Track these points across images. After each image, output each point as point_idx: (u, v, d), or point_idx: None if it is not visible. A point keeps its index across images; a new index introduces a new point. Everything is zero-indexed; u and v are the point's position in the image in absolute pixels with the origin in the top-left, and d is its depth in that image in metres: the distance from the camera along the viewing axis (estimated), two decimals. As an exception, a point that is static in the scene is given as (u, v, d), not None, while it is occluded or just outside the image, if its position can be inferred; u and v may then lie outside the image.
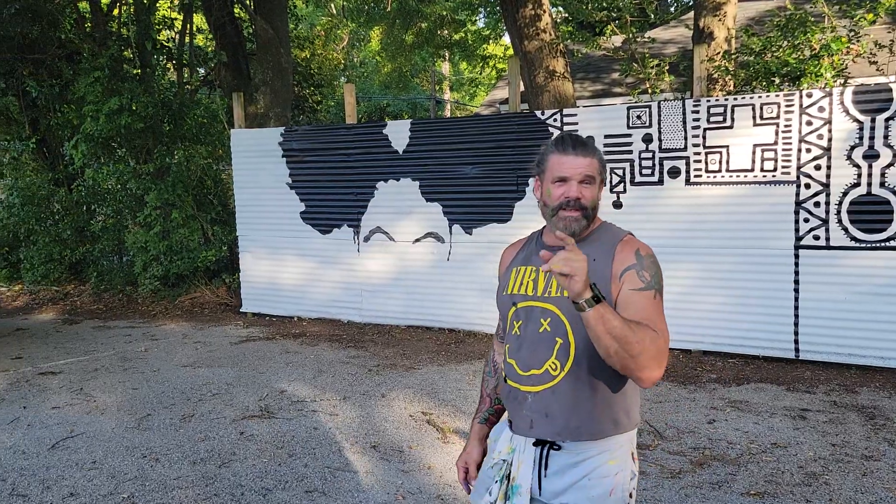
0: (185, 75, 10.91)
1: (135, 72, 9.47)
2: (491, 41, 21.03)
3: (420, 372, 5.63)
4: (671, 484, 3.55)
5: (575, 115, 6.12)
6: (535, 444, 1.75)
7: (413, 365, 5.84)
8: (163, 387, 5.41)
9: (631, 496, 1.76)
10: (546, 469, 1.74)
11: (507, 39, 22.66)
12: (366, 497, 3.51)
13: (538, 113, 6.29)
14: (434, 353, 6.22)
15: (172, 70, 10.75)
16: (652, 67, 6.86)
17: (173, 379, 5.61)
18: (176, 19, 12.25)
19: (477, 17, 20.44)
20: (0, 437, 4.43)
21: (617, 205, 5.97)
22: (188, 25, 10.70)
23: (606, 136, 5.95)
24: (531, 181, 1.97)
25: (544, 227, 1.90)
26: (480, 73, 28.15)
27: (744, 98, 5.49)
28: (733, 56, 6.73)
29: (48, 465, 3.97)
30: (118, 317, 8.33)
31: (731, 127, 5.52)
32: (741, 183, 5.53)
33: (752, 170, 5.48)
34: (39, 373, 5.90)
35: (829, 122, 5.22)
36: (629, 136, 5.87)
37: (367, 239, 7.22)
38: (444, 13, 17.45)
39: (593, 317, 1.49)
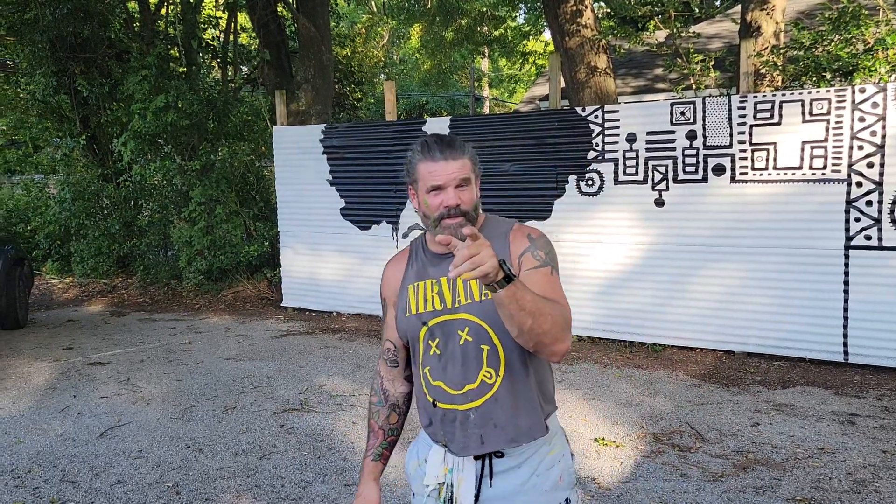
0: (229, 73, 11.11)
1: (181, 70, 9.69)
2: (531, 37, 20.90)
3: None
4: (713, 487, 3.48)
5: (616, 111, 6.04)
6: (475, 458, 1.69)
7: (451, 362, 5.84)
8: (206, 378, 5.52)
9: (574, 476, 1.77)
10: (491, 478, 1.68)
11: (547, 35, 22.50)
12: (404, 492, 3.52)
13: (579, 109, 6.23)
14: (472, 350, 6.21)
15: (217, 68, 10.95)
16: (697, 63, 6.73)
17: (216, 371, 5.73)
18: (221, 18, 12.48)
19: (517, 14, 20.32)
20: (52, 424, 4.58)
21: (659, 203, 5.88)
22: (232, 24, 10.90)
23: (649, 133, 5.86)
24: (408, 188, 1.78)
25: (425, 234, 1.81)
26: (520, 70, 28.00)
27: (792, 94, 5.34)
28: (782, 51, 6.55)
29: (97, 452, 4.09)
30: (163, 309, 8.53)
31: (778, 123, 5.37)
32: (789, 181, 5.39)
33: (801, 167, 5.33)
34: (89, 363, 6.08)
35: (882, 118, 5.04)
36: (672, 132, 5.77)
37: (405, 235, 7.25)
38: (484, 9, 17.40)
39: (506, 295, 1.40)
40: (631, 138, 5.93)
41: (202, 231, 8.81)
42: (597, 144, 6.09)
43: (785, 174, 5.39)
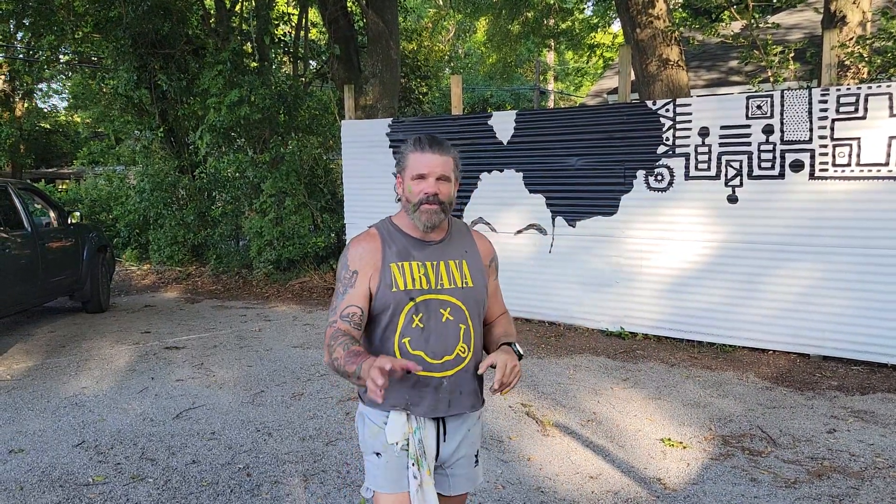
0: (300, 68, 11.36)
1: (252, 65, 9.97)
2: (599, 29, 20.52)
3: (520, 363, 5.61)
4: (785, 493, 3.36)
5: (689, 104, 5.88)
6: (433, 419, 1.95)
7: (513, 356, 5.83)
8: (275, 365, 5.69)
9: None
10: (445, 436, 1.98)
11: (615, 27, 22.04)
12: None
13: (649, 103, 6.09)
14: (534, 345, 6.19)
15: (288, 63, 11.21)
16: (775, 54, 6.47)
17: (284, 358, 5.89)
18: (292, 14, 12.77)
19: (585, 6, 19.99)
20: (131, 404, 4.82)
21: (732, 199, 5.70)
22: (303, 20, 11.13)
23: (722, 128, 5.68)
24: (396, 178, 2.02)
25: (388, 220, 2.05)
26: (587, 63, 27.55)
27: (879, 87, 5.08)
28: (868, 41, 6.23)
29: (173, 433, 4.28)
30: (234, 297, 8.83)
31: (863, 118, 5.12)
32: (873, 178, 5.13)
33: (887, 164, 5.07)
34: (165, 347, 6.36)
35: (979, 111, 4.74)
36: (748, 126, 5.58)
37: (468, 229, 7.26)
38: (552, 2, 17.20)
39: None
40: (703, 132, 5.77)
41: (272, 222, 9.06)
42: (667, 139, 5.95)
43: (869, 171, 5.14)
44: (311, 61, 12.48)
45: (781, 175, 5.48)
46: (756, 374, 5.24)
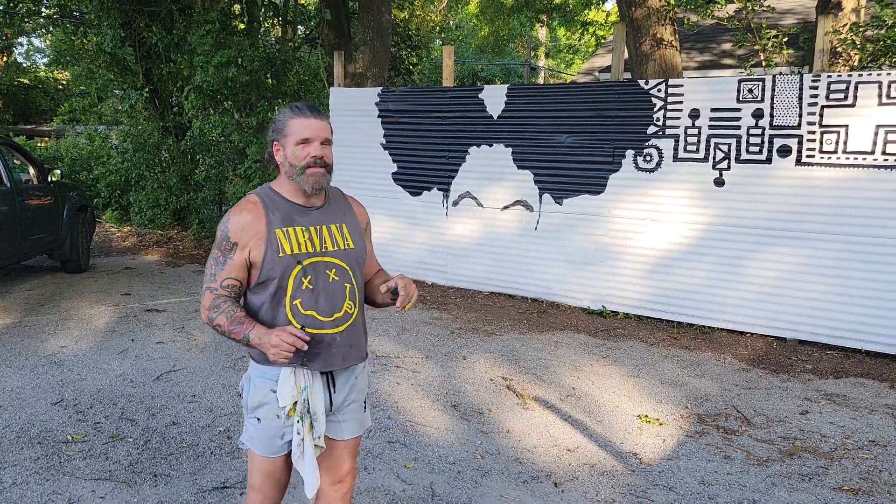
0: (289, 32, 11.16)
1: (241, 27, 9.77)
2: (593, 6, 20.35)
3: (501, 338, 5.66)
4: (757, 471, 3.44)
5: (681, 85, 5.87)
6: (322, 374, 2.05)
7: (494, 331, 5.87)
8: (256, 331, 5.66)
9: None
10: (334, 388, 2.09)
11: (609, 5, 21.87)
12: (445, 453, 3.59)
13: (641, 82, 6.07)
14: (516, 321, 6.23)
15: (277, 27, 11.01)
16: (768, 38, 6.47)
17: (266, 325, 5.87)
18: (282, -24, 12.50)
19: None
20: (111, 364, 4.79)
21: (719, 182, 5.73)
22: (294, -17, 10.90)
23: (713, 110, 5.69)
24: (273, 145, 2.07)
25: (268, 187, 2.08)
26: (579, 41, 27.37)
27: (870, 74, 5.10)
28: (862, 28, 6.25)
29: (153, 394, 4.27)
30: (216, 263, 8.75)
31: (852, 105, 5.15)
32: (859, 166, 5.18)
33: (873, 152, 5.12)
34: (146, 309, 6.31)
35: (966, 104, 4.78)
36: (738, 110, 5.59)
37: (455, 203, 7.25)
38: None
39: None
40: (694, 114, 5.78)
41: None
42: (658, 119, 5.95)
43: (855, 159, 5.19)
44: (300, 26, 12.26)
45: (769, 160, 5.51)
46: (733, 355, 5.33)
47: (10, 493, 3.06)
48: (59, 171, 7.70)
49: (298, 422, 2.00)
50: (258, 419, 2.06)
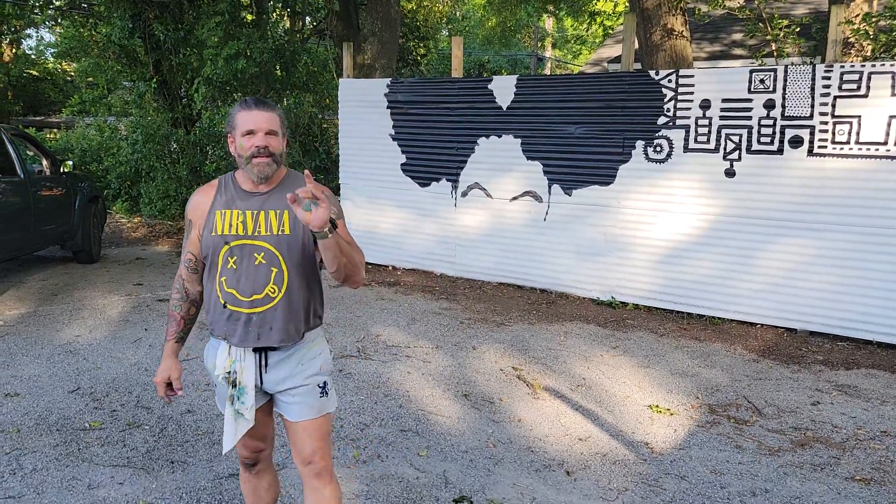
0: (297, 24, 11.16)
1: (249, 18, 9.78)
2: (601, -3, 20.22)
3: (511, 329, 5.68)
4: (769, 461, 3.46)
5: (691, 76, 5.85)
6: (254, 351, 2.14)
7: (504, 321, 5.90)
8: (268, 321, 5.70)
9: (331, 366, 2.30)
10: (266, 367, 2.16)
11: (617, -4, 21.68)
12: (457, 441, 3.62)
13: (652, 73, 6.06)
14: (525, 311, 6.24)
15: (286, 18, 11.01)
16: (780, 28, 6.43)
17: (277, 315, 5.90)
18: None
19: (588, -29, 19.62)
20: (125, 353, 4.84)
21: (730, 173, 5.72)
22: (302, -27, 10.88)
23: (724, 101, 5.67)
24: (228, 138, 2.17)
25: (232, 173, 2.20)
26: (587, 31, 27.22)
27: (883, 65, 5.08)
28: (874, 19, 6.21)
29: (167, 382, 4.31)
30: (226, 253, 8.79)
31: (865, 96, 5.13)
32: (872, 157, 5.16)
33: (886, 143, 5.10)
34: (158, 299, 6.36)
35: (980, 94, 4.76)
36: (749, 101, 5.57)
37: (464, 194, 7.26)
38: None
39: (331, 241, 1.91)
40: (705, 105, 5.76)
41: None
42: (668, 110, 5.94)
43: (868, 149, 5.17)
44: (308, 17, 12.25)
45: (780, 150, 5.50)
46: (744, 346, 5.33)
47: (31, 479, 3.11)
48: (70, 163, 7.75)
49: (232, 390, 2.17)
50: (215, 383, 2.26)
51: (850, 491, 3.18)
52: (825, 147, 5.31)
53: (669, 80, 5.92)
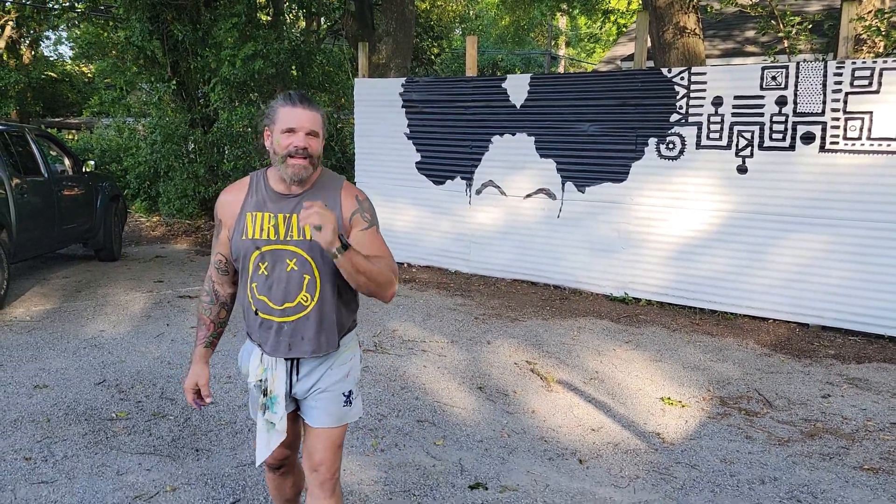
0: (313, 24, 11.29)
1: (265, 19, 9.92)
2: (614, -5, 20.21)
3: (525, 324, 5.76)
4: (778, 451, 3.52)
5: (704, 73, 5.90)
6: (286, 359, 2.08)
7: (518, 317, 5.97)
8: (286, 317, 5.82)
9: (359, 375, 2.21)
10: (298, 375, 2.09)
11: (631, -7, 21.64)
12: (472, 431, 3.71)
13: (664, 70, 6.11)
14: (539, 307, 6.32)
15: (301, 19, 11.14)
16: (793, 25, 6.46)
17: (295, 310, 6.02)
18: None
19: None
20: (149, 347, 4.97)
21: (742, 170, 5.76)
22: (317, -25, 11.01)
23: (736, 98, 5.72)
24: (264, 131, 2.05)
25: (264, 171, 2.10)
26: (600, 29, 27.18)
27: (895, 61, 5.10)
28: (886, 15, 6.22)
29: (190, 375, 4.43)
30: (244, 251, 8.93)
31: (877, 92, 5.16)
32: (884, 152, 5.19)
33: (897, 139, 5.12)
34: (178, 296, 6.50)
35: None
36: (761, 97, 5.61)
37: (478, 192, 7.35)
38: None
39: (343, 261, 1.83)
40: (717, 102, 5.81)
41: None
42: (681, 107, 5.99)
43: (880, 145, 5.20)
44: (323, 17, 12.39)
45: (792, 147, 5.54)
46: (756, 341, 5.38)
47: (62, 465, 3.23)
48: (92, 162, 7.92)
49: (264, 397, 2.12)
50: (248, 386, 2.21)
51: (859, 480, 3.24)
52: (837, 143, 5.35)
53: (682, 78, 5.97)
